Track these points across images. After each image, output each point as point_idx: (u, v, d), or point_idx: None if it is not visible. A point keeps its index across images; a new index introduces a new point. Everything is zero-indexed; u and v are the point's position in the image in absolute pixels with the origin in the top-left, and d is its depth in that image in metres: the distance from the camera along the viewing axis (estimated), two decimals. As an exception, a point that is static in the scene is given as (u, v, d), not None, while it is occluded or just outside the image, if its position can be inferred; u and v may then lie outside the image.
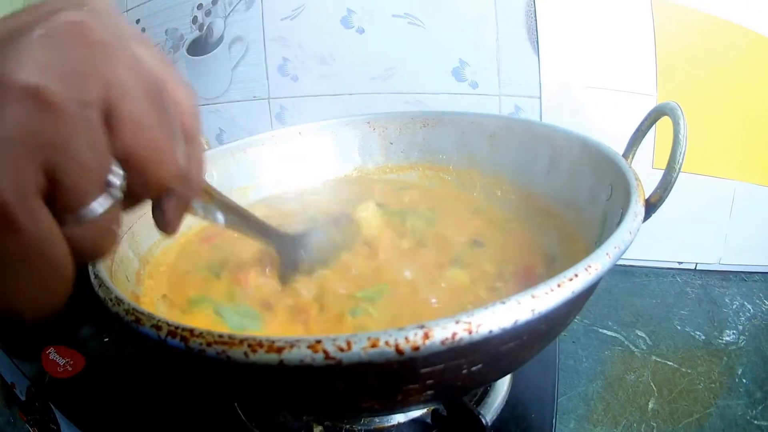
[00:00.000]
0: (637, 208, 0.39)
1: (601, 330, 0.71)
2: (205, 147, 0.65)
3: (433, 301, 0.46)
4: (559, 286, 0.29)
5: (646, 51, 0.74)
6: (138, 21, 1.00)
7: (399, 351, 0.25)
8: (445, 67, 0.83)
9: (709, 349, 0.67)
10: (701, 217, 0.78)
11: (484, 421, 0.45)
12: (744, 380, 0.62)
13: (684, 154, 0.41)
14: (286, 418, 0.50)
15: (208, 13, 0.94)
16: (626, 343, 0.68)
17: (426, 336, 0.26)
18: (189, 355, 0.28)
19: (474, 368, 0.31)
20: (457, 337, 0.26)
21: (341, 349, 0.25)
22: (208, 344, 0.27)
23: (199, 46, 0.96)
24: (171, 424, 0.54)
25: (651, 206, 0.42)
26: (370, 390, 0.31)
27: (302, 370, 0.26)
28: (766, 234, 0.77)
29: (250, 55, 0.93)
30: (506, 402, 0.51)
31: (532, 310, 0.28)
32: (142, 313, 0.31)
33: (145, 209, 0.52)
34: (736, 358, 0.65)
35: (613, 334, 0.70)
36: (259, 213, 0.64)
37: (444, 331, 0.26)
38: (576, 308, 0.36)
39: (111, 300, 0.34)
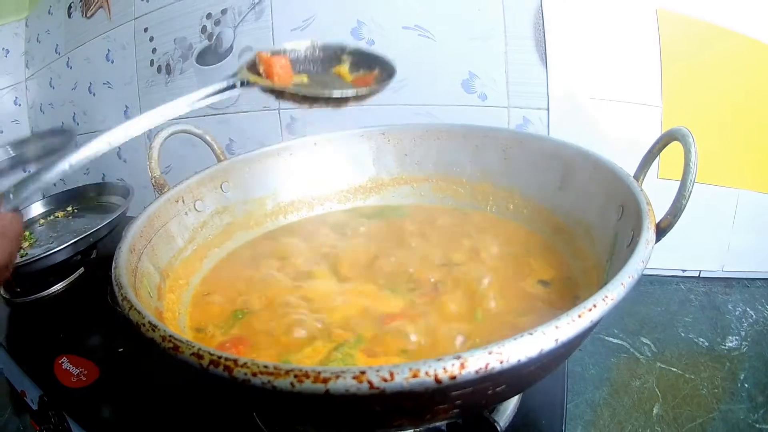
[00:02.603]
0: (649, 235, 0.40)
1: (607, 338, 0.72)
2: (221, 158, 0.66)
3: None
4: (579, 316, 0.30)
5: (651, 62, 0.75)
6: (146, 29, 1.01)
7: (438, 380, 0.27)
8: (454, 79, 0.84)
9: (712, 355, 0.68)
10: (705, 225, 0.79)
11: (499, 428, 0.46)
12: (746, 385, 0.63)
13: (694, 181, 0.43)
14: (306, 428, 0.51)
15: (217, 23, 0.94)
16: (631, 350, 0.70)
17: (462, 366, 0.27)
18: (232, 384, 0.29)
19: (498, 389, 0.33)
20: (490, 367, 0.28)
21: (385, 380, 0.27)
22: (254, 374, 0.28)
23: (208, 56, 0.97)
24: None
25: (661, 231, 0.43)
26: (405, 412, 0.32)
27: (346, 398, 0.28)
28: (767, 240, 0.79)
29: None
30: (518, 409, 0.52)
31: (556, 340, 0.29)
32: (180, 341, 0.31)
33: (164, 222, 0.55)
34: (738, 364, 0.66)
35: (619, 342, 0.71)
36: (278, 223, 0.67)
37: (478, 362, 0.28)
38: (590, 332, 0.38)
39: (145, 325, 0.34)
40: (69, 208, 0.98)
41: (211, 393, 0.44)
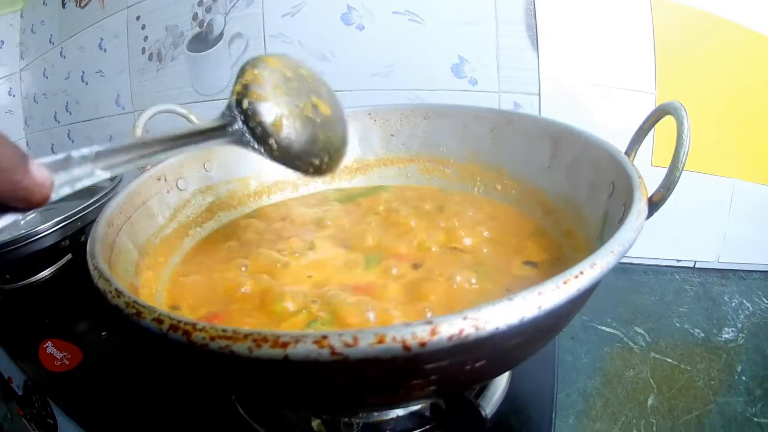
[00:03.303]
0: (641, 206, 0.38)
1: (599, 326, 0.70)
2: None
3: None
4: (565, 283, 0.28)
5: (645, 48, 0.73)
6: (138, 18, 1.00)
7: (406, 347, 0.25)
8: (444, 64, 0.83)
9: (708, 346, 0.66)
10: (700, 215, 0.78)
11: (483, 413, 0.44)
12: (743, 377, 0.61)
13: (687, 153, 0.41)
14: (285, 413, 0.49)
15: (208, 10, 0.93)
16: (625, 339, 0.68)
17: (433, 332, 0.25)
18: (191, 349, 0.28)
19: (478, 364, 0.30)
20: (464, 334, 0.25)
21: (348, 345, 0.25)
22: (212, 339, 0.27)
23: (199, 43, 0.96)
24: (169, 419, 0.53)
25: (654, 205, 0.41)
26: (374, 385, 0.30)
27: (307, 366, 0.26)
28: (764, 232, 0.77)
29: (250, 52, 0.92)
30: (506, 395, 0.51)
31: (539, 307, 0.27)
32: (144, 306, 0.30)
33: (144, 199, 0.53)
34: (735, 356, 0.64)
35: (612, 331, 0.69)
36: (261, 202, 0.66)
37: (451, 327, 0.25)
38: (579, 305, 0.35)
39: (111, 292, 0.33)
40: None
41: (176, 364, 0.41)
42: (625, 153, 0.48)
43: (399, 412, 0.49)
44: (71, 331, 0.68)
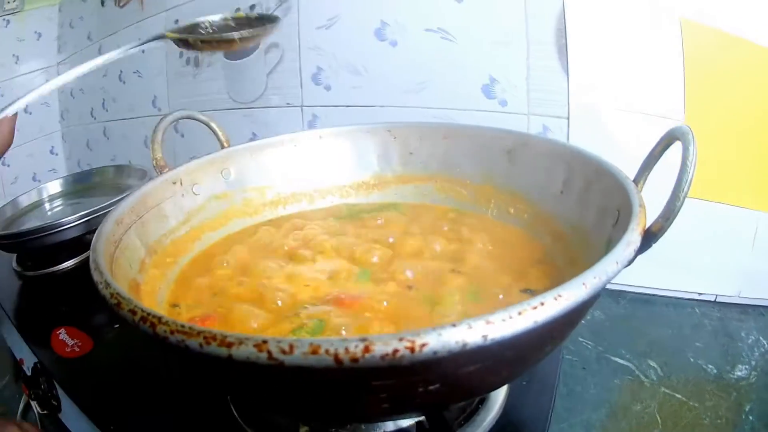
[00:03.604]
0: (632, 236, 0.36)
1: (613, 358, 0.69)
2: (225, 145, 0.66)
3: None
4: (519, 314, 0.27)
5: (674, 75, 0.72)
6: (177, 21, 1.03)
7: (338, 360, 0.25)
8: (475, 84, 0.83)
9: (719, 383, 0.65)
10: (723, 248, 0.76)
11: None
12: (750, 417, 0.59)
13: (690, 181, 0.39)
14: (276, 418, 0.50)
15: (245, 19, 0.95)
16: (637, 372, 0.67)
17: (366, 349, 0.25)
18: (156, 340, 0.30)
19: (431, 387, 0.30)
20: (399, 354, 0.25)
21: (283, 352, 0.26)
22: (171, 332, 0.29)
23: (236, 51, 0.98)
24: (165, 414, 0.54)
25: (652, 235, 0.39)
26: (319, 396, 0.31)
27: (249, 366, 0.27)
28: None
29: (285, 62, 0.94)
30: (496, 422, 0.49)
31: (484, 336, 0.26)
32: (123, 298, 0.33)
33: (158, 201, 0.55)
34: (745, 394, 0.63)
35: (625, 363, 0.68)
36: (276, 213, 0.67)
37: (385, 347, 0.25)
38: (552, 337, 0.35)
39: (102, 283, 0.36)
40: (86, 188, 0.99)
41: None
42: (634, 180, 0.47)
43: (388, 427, 0.48)
44: (85, 320, 0.69)
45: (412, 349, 0.25)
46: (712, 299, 0.79)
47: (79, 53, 1.33)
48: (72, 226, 0.77)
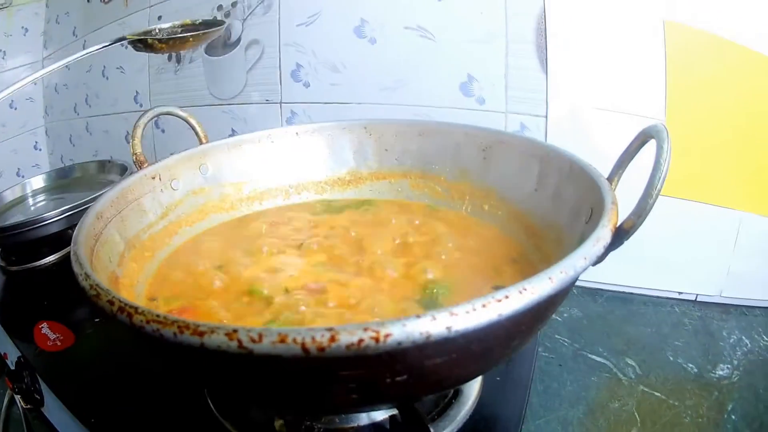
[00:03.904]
0: (602, 233, 0.36)
1: (590, 355, 0.69)
2: (203, 141, 0.67)
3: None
4: (483, 306, 0.27)
5: (656, 75, 0.72)
6: (160, 17, 1.02)
7: (305, 349, 0.26)
8: (453, 82, 0.82)
9: (700, 382, 0.64)
10: (705, 248, 0.76)
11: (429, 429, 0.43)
12: (733, 417, 0.59)
13: (663, 179, 0.39)
14: (252, 412, 0.50)
15: (227, 15, 0.95)
16: (614, 370, 0.66)
17: (332, 339, 0.26)
18: (133, 330, 0.30)
19: (399, 378, 0.30)
20: (364, 344, 0.26)
21: (253, 340, 0.26)
22: (147, 322, 0.29)
23: (216, 47, 0.98)
24: (145, 407, 0.54)
25: (624, 232, 0.39)
26: (289, 384, 0.31)
27: (220, 355, 0.27)
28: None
29: (265, 59, 0.94)
30: (470, 416, 0.49)
31: (448, 328, 0.26)
32: (102, 289, 0.34)
33: (137, 196, 0.54)
34: (727, 394, 0.62)
35: (602, 360, 0.68)
36: (253, 208, 0.66)
37: (351, 337, 0.26)
38: (519, 331, 0.34)
39: (81, 275, 0.36)
40: (69, 183, 0.99)
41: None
42: (608, 178, 0.47)
43: (362, 421, 0.48)
44: (67, 315, 0.70)
45: (377, 339, 0.26)
46: (693, 299, 0.79)
47: (64, 48, 1.33)
48: (54, 221, 0.78)
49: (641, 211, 0.39)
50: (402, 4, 0.83)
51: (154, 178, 0.58)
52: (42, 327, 0.67)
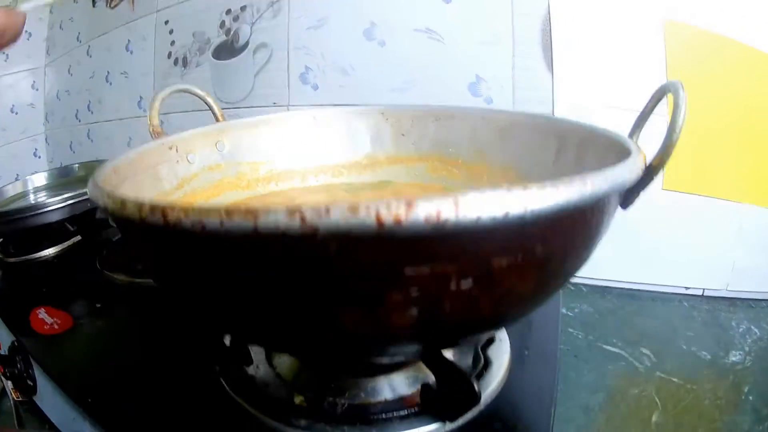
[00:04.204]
0: (639, 158, 0.35)
1: (604, 346, 0.67)
2: (220, 120, 0.65)
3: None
4: (555, 187, 0.25)
5: (657, 71, 0.73)
6: (167, 22, 1.02)
7: (380, 221, 0.23)
8: (461, 82, 0.83)
9: (714, 367, 0.63)
10: (709, 242, 0.76)
11: (476, 387, 0.41)
12: (751, 397, 0.58)
13: (683, 119, 0.38)
14: (270, 390, 0.47)
15: (236, 19, 0.95)
16: (630, 359, 0.65)
17: (409, 207, 0.23)
18: (167, 231, 0.26)
19: (463, 282, 0.28)
20: (443, 217, 0.23)
21: (320, 215, 0.23)
22: (186, 214, 0.25)
23: (224, 51, 0.98)
24: (151, 391, 0.50)
25: (653, 169, 0.38)
26: (347, 281, 0.27)
27: (276, 240, 0.24)
28: (774, 258, 0.74)
29: (273, 62, 0.94)
30: (503, 386, 0.47)
31: (525, 207, 0.24)
32: (128, 198, 0.29)
33: (154, 163, 0.53)
34: (742, 377, 0.61)
35: (617, 351, 0.66)
36: (268, 188, 0.65)
37: (429, 205, 0.23)
38: (577, 238, 0.32)
39: (104, 195, 0.32)
40: (71, 181, 0.97)
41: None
42: (629, 136, 0.47)
43: (387, 395, 0.46)
44: (65, 300, 0.67)
45: (457, 211, 0.23)
46: (700, 293, 0.78)
47: (67, 54, 1.31)
48: (56, 209, 0.76)
49: (667, 146, 0.38)
50: (411, 6, 0.84)
51: (171, 148, 0.56)
52: (39, 312, 0.64)
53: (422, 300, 0.28)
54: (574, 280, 0.83)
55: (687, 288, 0.78)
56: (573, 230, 0.30)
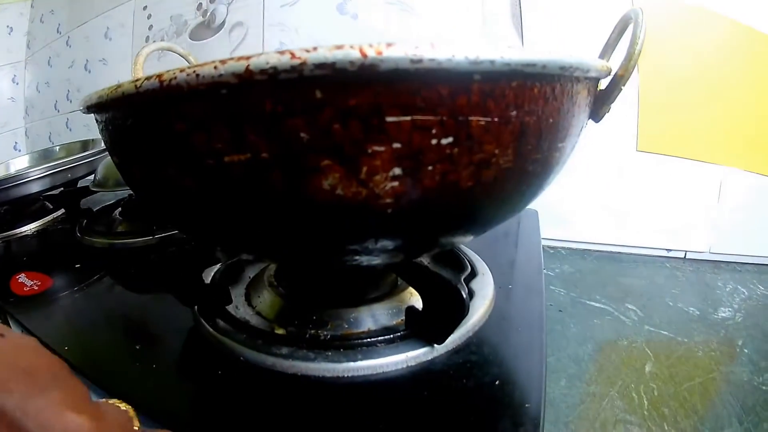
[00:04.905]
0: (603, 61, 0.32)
1: (588, 302, 0.61)
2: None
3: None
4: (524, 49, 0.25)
5: (626, 35, 0.67)
6: (145, 7, 0.97)
7: (363, 53, 0.22)
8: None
9: (704, 322, 0.57)
10: (690, 204, 0.70)
11: (463, 295, 0.36)
12: (746, 350, 0.52)
13: (644, 35, 0.37)
14: (251, 324, 0.43)
15: (212, 0, 0.89)
16: (616, 314, 0.59)
17: (389, 45, 0.22)
18: (163, 95, 0.25)
19: (444, 141, 0.25)
20: (419, 53, 0.23)
21: (307, 50, 0.23)
22: (181, 70, 0.24)
23: (201, 32, 0.93)
24: (130, 340, 0.44)
25: (619, 78, 0.36)
26: (333, 136, 0.25)
27: (266, 85, 0.23)
28: (755, 222, 0.69)
29: (249, 40, 0.89)
30: (489, 315, 0.43)
31: (497, 55, 0.24)
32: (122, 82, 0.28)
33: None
34: (735, 332, 0.55)
35: (602, 306, 0.60)
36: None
37: (407, 44, 0.23)
38: (549, 116, 0.28)
39: (93, 96, 0.30)
40: (51, 162, 0.89)
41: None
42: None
43: (370, 325, 0.41)
44: (45, 265, 0.62)
45: (432, 50, 0.23)
46: (682, 256, 0.73)
47: (47, 47, 1.25)
48: (37, 178, 0.70)
49: (630, 56, 0.37)
50: (383, -21, 0.80)
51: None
52: (19, 277, 0.59)
53: (404, 158, 0.26)
54: (551, 243, 0.76)
55: (669, 250, 0.72)
56: (544, 103, 0.27)
